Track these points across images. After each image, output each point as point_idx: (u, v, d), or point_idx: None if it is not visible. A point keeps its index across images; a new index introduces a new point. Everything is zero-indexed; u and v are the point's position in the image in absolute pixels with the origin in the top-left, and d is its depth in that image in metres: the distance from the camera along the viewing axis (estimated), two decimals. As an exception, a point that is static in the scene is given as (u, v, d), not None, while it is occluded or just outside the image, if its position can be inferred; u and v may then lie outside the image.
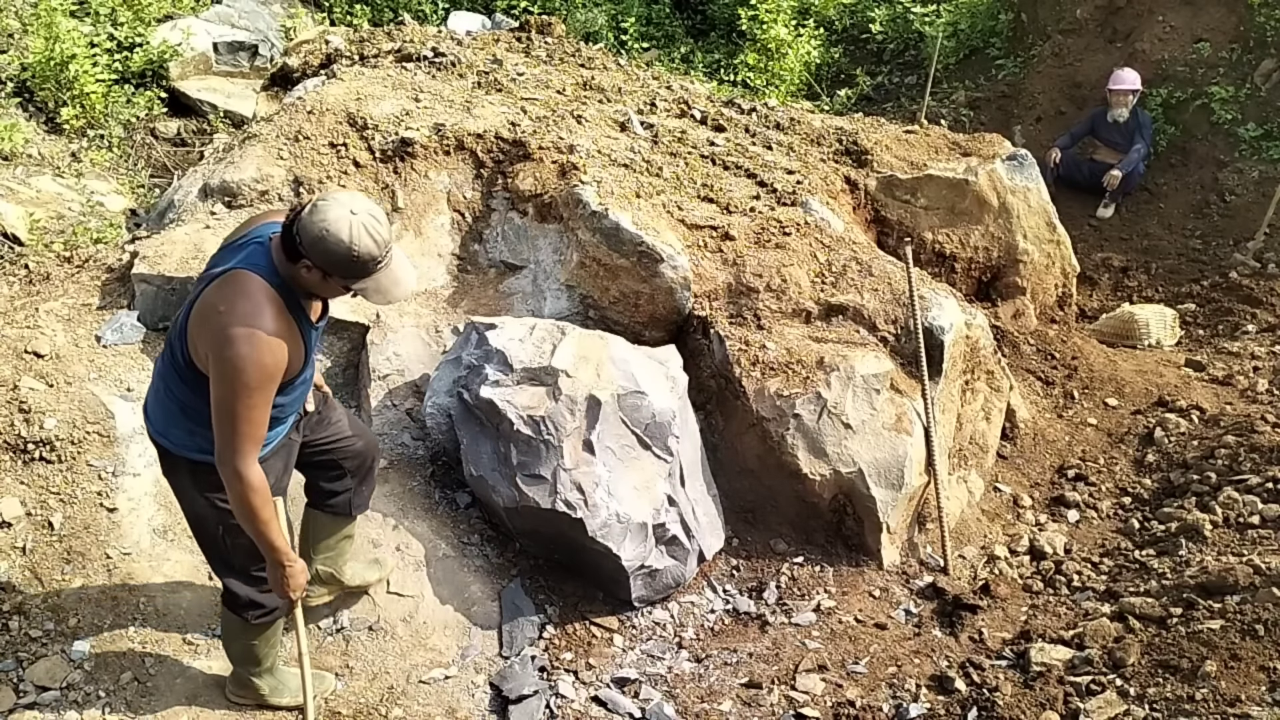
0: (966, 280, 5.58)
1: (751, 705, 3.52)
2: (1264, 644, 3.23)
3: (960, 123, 8.25)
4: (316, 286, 2.64)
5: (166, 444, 2.82)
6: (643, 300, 4.40)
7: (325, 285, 2.63)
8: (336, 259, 2.53)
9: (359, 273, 2.57)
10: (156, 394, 2.84)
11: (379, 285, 2.62)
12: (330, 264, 2.54)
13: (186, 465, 2.81)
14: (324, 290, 2.67)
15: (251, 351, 2.51)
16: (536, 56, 6.09)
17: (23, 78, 7.00)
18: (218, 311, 2.55)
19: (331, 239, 2.50)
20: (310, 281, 2.61)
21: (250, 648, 3.14)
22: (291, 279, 2.62)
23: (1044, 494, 4.79)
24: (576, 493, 3.65)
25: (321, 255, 2.52)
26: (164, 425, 2.81)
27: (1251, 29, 7.68)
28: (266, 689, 3.25)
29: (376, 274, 2.60)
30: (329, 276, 2.58)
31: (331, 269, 2.55)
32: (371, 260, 2.56)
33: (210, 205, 4.75)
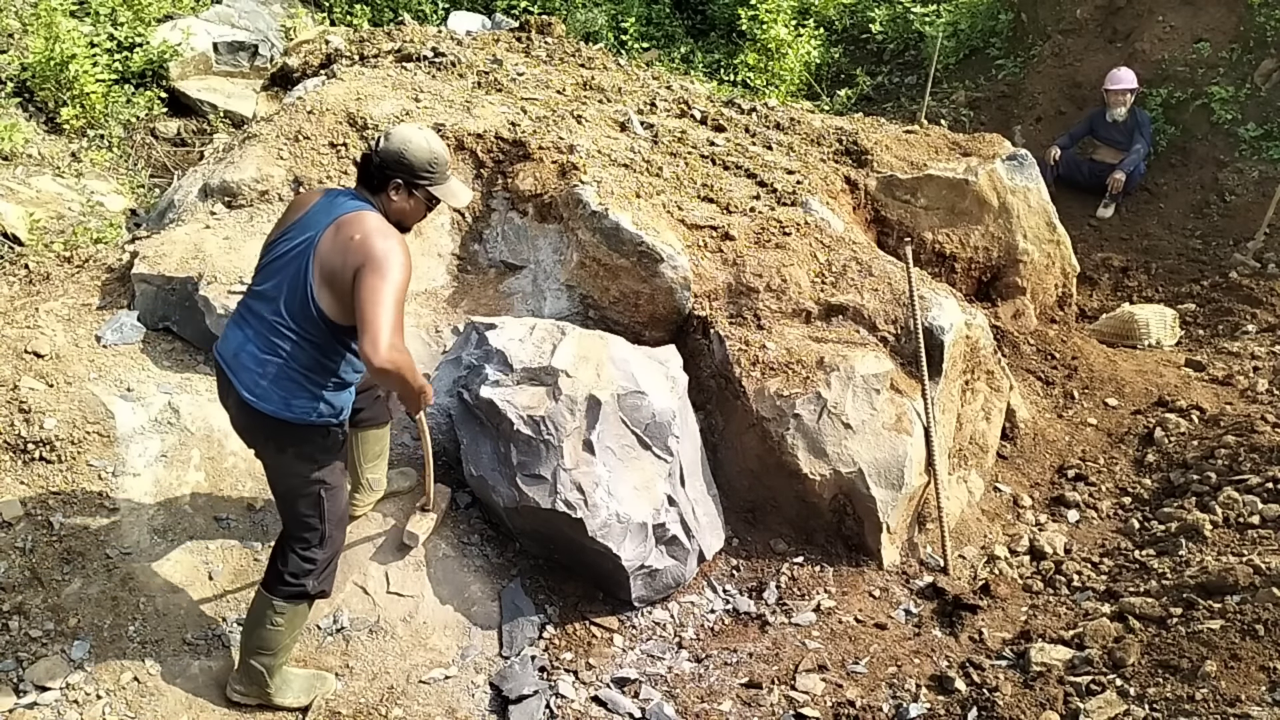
0: (966, 280, 5.58)
1: (751, 705, 3.52)
2: (1264, 644, 3.23)
3: (960, 123, 8.25)
4: (403, 208, 3.04)
5: (289, 416, 2.98)
6: (643, 300, 4.40)
7: (410, 203, 3.04)
8: (421, 163, 2.98)
9: (439, 175, 3.04)
10: (268, 373, 2.95)
11: (452, 189, 3.10)
12: (416, 171, 2.98)
13: (299, 434, 3.02)
14: (409, 210, 3.06)
15: (399, 249, 2.87)
16: (536, 56, 6.09)
17: (23, 78, 7.00)
18: (353, 239, 2.86)
19: (414, 146, 2.97)
20: (399, 204, 3.02)
21: (280, 634, 3.20)
22: (387, 213, 3.00)
23: (1044, 494, 4.79)
24: (576, 493, 3.65)
25: (407, 166, 2.97)
26: (285, 400, 2.96)
27: (1251, 29, 7.68)
28: (274, 686, 3.28)
29: (449, 181, 3.09)
30: (414, 190, 3.02)
31: (417, 175, 2.99)
32: (445, 164, 3.06)
33: (210, 205, 4.75)
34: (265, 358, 2.96)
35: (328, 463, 3.10)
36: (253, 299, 3.04)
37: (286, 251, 2.97)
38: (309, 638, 3.52)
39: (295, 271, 2.92)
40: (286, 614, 3.18)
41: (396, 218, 3.02)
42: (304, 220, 2.99)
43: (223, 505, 3.80)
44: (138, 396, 3.98)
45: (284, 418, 2.97)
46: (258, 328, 2.98)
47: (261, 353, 2.96)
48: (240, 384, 2.98)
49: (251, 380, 2.97)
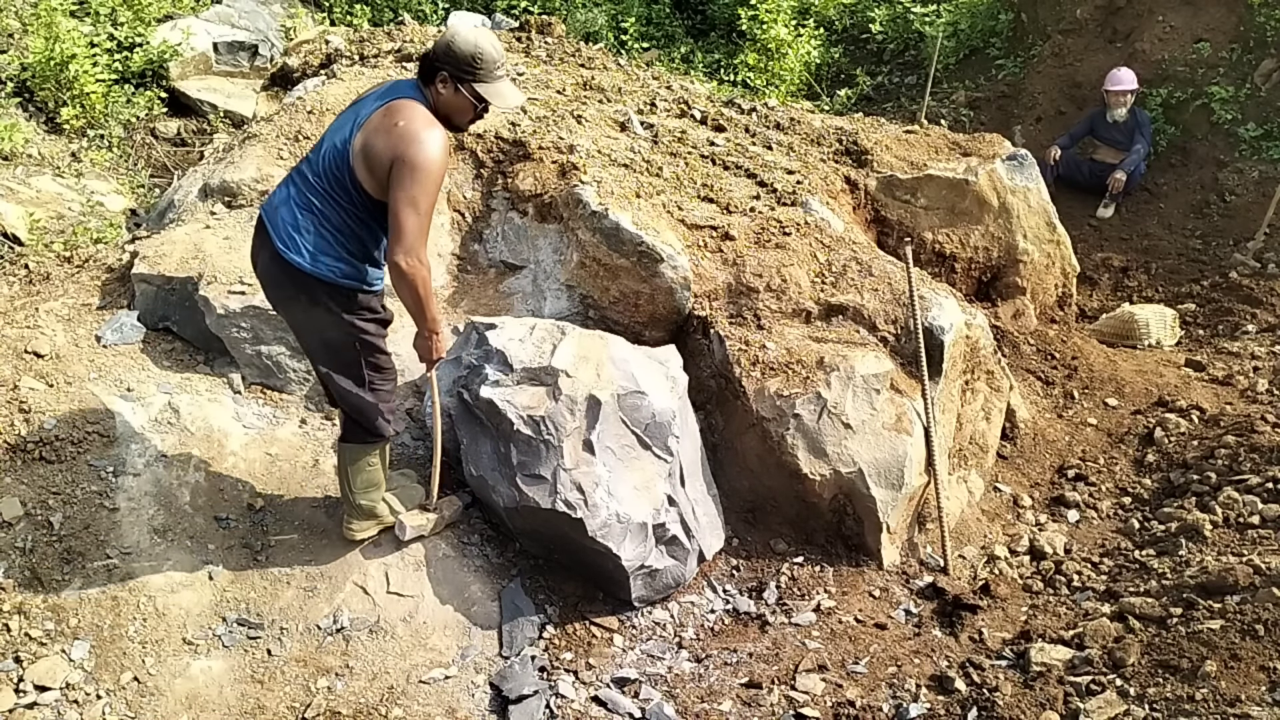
0: (966, 280, 5.58)
1: (751, 705, 3.52)
2: (1264, 644, 3.23)
3: (960, 123, 8.25)
4: (450, 102, 3.08)
5: (316, 271, 3.16)
6: (643, 300, 4.40)
7: (457, 99, 3.08)
8: (465, 58, 3.01)
9: (483, 74, 3.05)
10: (301, 228, 3.16)
11: (499, 90, 3.10)
12: (461, 65, 3.02)
13: (328, 290, 3.19)
14: (455, 106, 3.09)
15: (436, 151, 2.97)
16: (536, 56, 6.09)
17: (23, 78, 7.00)
18: (396, 125, 2.98)
19: (460, 40, 3.02)
20: (445, 98, 3.07)
21: (372, 471, 3.55)
22: (434, 105, 3.08)
23: (1044, 494, 4.79)
24: (576, 493, 3.65)
25: (453, 59, 3.01)
26: (314, 255, 3.15)
27: (1251, 29, 7.68)
28: (387, 509, 3.69)
29: (497, 81, 3.09)
30: (460, 85, 3.05)
31: (462, 71, 3.03)
32: (493, 62, 3.05)
33: (210, 205, 4.75)
34: (301, 214, 3.17)
35: (360, 318, 3.27)
36: (304, 163, 3.25)
37: (340, 123, 3.17)
38: (309, 637, 3.52)
39: (341, 139, 3.10)
40: (364, 455, 3.51)
41: (445, 112, 3.10)
42: (362, 99, 3.20)
43: (223, 505, 3.80)
44: (138, 396, 3.98)
45: (309, 271, 3.16)
46: (300, 186, 3.20)
47: (299, 209, 3.18)
48: (275, 235, 3.19)
49: (286, 233, 3.18)
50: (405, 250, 2.99)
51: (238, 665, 3.42)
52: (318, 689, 3.40)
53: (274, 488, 3.89)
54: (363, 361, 3.37)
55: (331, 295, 3.22)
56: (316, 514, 3.84)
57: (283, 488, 3.90)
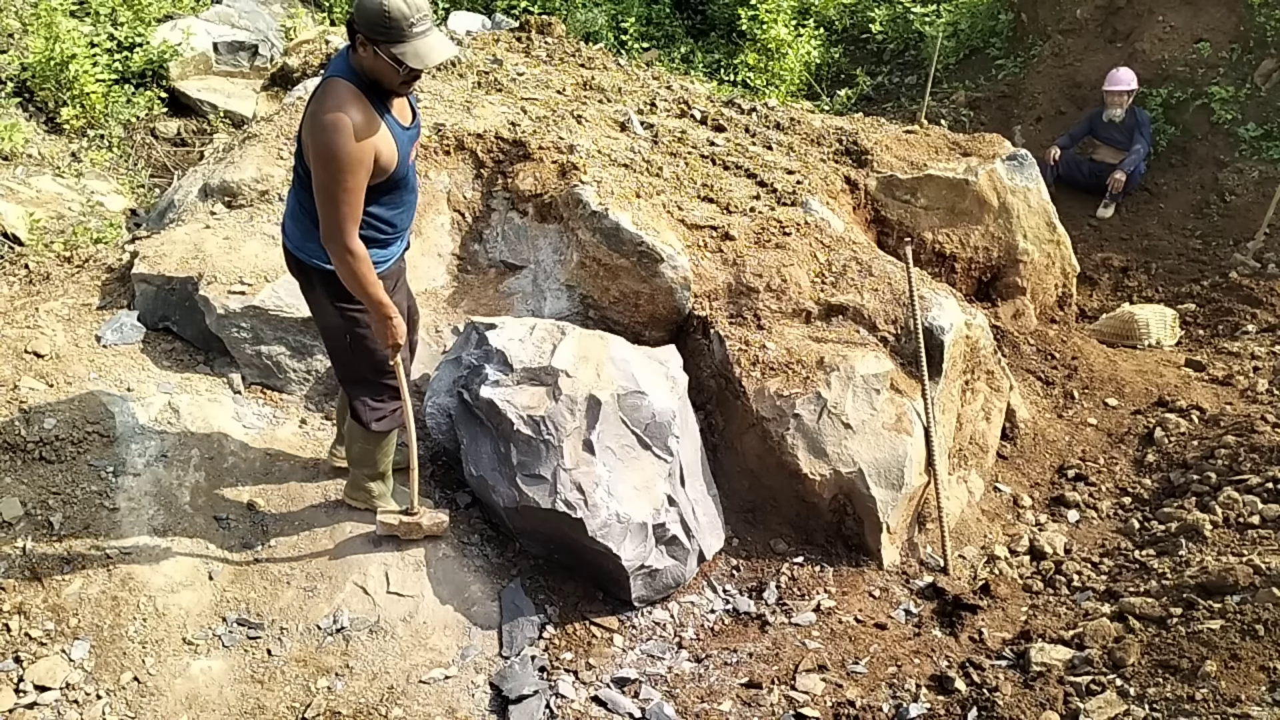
0: (966, 280, 5.58)
1: (751, 705, 3.51)
2: (1264, 644, 3.23)
3: (960, 123, 8.25)
4: (373, 67, 2.94)
5: (303, 257, 3.23)
6: (643, 300, 4.40)
7: (378, 63, 2.92)
8: (373, 20, 2.85)
9: (395, 34, 2.87)
10: (292, 214, 3.25)
11: (416, 50, 2.90)
12: (370, 28, 2.86)
13: (319, 276, 3.23)
14: (379, 70, 2.94)
15: (338, 136, 2.88)
16: (536, 56, 6.09)
17: (23, 78, 7.00)
18: (311, 113, 2.94)
19: (369, 2, 2.84)
20: (368, 62, 2.94)
21: (369, 452, 3.64)
22: (361, 71, 2.97)
23: (1044, 494, 4.79)
24: (576, 493, 3.65)
25: (364, 21, 2.87)
26: (300, 240, 3.23)
27: (1251, 29, 7.68)
28: (377, 492, 3.76)
29: (414, 39, 2.90)
30: (378, 49, 2.89)
31: (373, 34, 2.87)
32: (403, 19, 2.86)
33: (210, 205, 4.75)
34: (292, 203, 3.26)
35: (354, 305, 3.24)
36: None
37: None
38: (309, 637, 3.52)
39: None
40: (365, 438, 3.58)
41: (371, 76, 2.97)
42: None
43: (223, 505, 3.80)
44: (138, 396, 3.98)
45: (297, 255, 3.25)
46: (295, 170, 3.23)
47: (292, 196, 3.26)
48: (284, 230, 3.32)
49: (286, 219, 3.31)
50: (326, 239, 3.02)
51: (238, 665, 3.42)
52: (318, 689, 3.40)
53: (274, 488, 3.89)
54: (354, 350, 3.37)
55: (322, 280, 3.26)
56: (316, 514, 3.84)
57: (283, 488, 3.90)
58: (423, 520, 3.75)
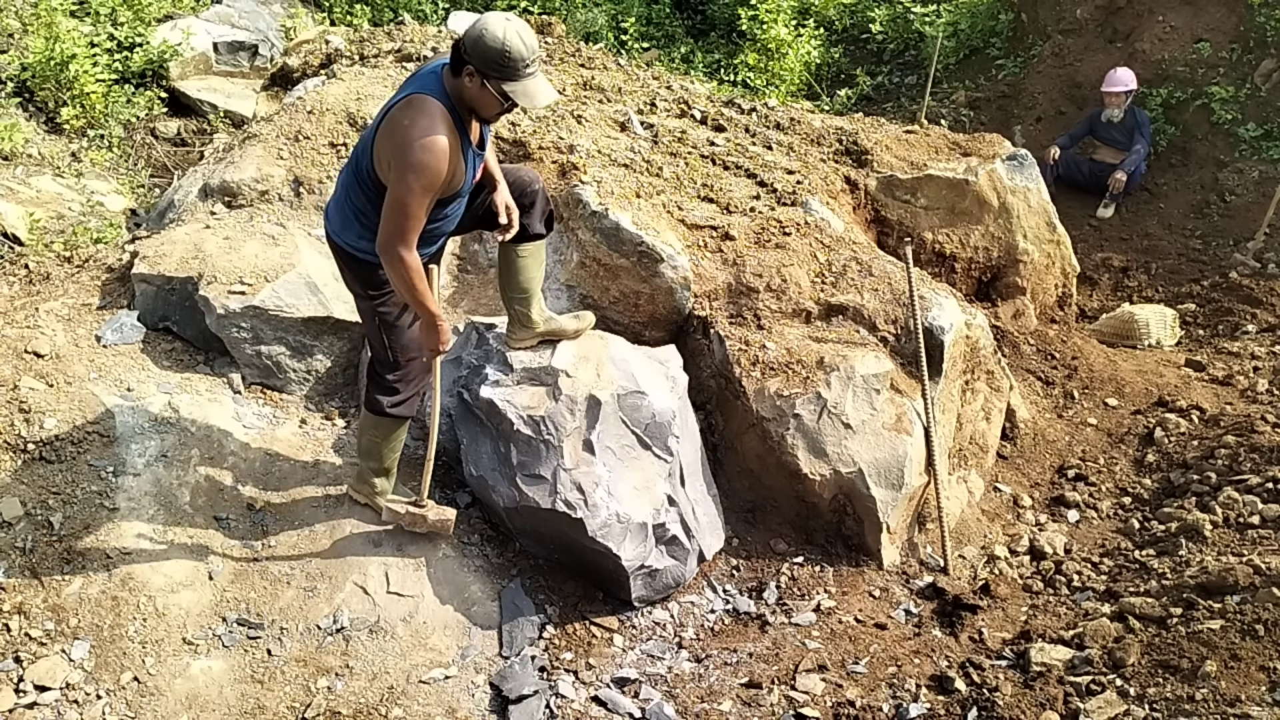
0: (966, 280, 5.58)
1: (751, 705, 3.51)
2: (1264, 644, 3.23)
3: (960, 123, 8.25)
4: (476, 97, 3.04)
5: (340, 242, 3.33)
6: (643, 300, 4.40)
7: (483, 94, 3.03)
8: (491, 56, 2.94)
9: (510, 73, 2.97)
10: (338, 201, 3.36)
11: (526, 90, 3.02)
12: (486, 63, 2.95)
13: (354, 262, 3.34)
14: (482, 101, 3.05)
15: (428, 157, 2.98)
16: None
17: (23, 78, 7.00)
18: (403, 126, 3.01)
19: (488, 37, 2.93)
20: (471, 92, 3.03)
21: (376, 444, 3.67)
22: (456, 96, 3.06)
23: (1044, 494, 4.79)
24: (576, 493, 3.65)
25: (480, 55, 2.95)
26: (340, 227, 3.34)
27: (1251, 29, 7.68)
28: (380, 488, 3.79)
29: (525, 79, 3.01)
30: (486, 81, 2.99)
31: (487, 68, 2.96)
32: (520, 61, 2.96)
33: (210, 205, 4.75)
34: (340, 191, 3.36)
35: (382, 295, 3.36)
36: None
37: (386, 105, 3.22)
38: (309, 637, 3.52)
39: (375, 125, 3.18)
40: (377, 427, 3.62)
41: (470, 104, 3.08)
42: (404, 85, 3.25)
43: (223, 505, 3.80)
44: (138, 396, 3.98)
45: (336, 241, 3.35)
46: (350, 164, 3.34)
47: (340, 185, 3.37)
48: (326, 213, 3.43)
49: (330, 205, 3.42)
50: (383, 246, 3.12)
51: (238, 665, 3.42)
52: (318, 689, 3.40)
53: (274, 488, 3.89)
54: (384, 339, 3.47)
55: (356, 265, 3.36)
56: (316, 514, 3.84)
57: (283, 488, 3.90)
58: (429, 514, 3.75)
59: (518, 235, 3.64)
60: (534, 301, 3.82)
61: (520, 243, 3.67)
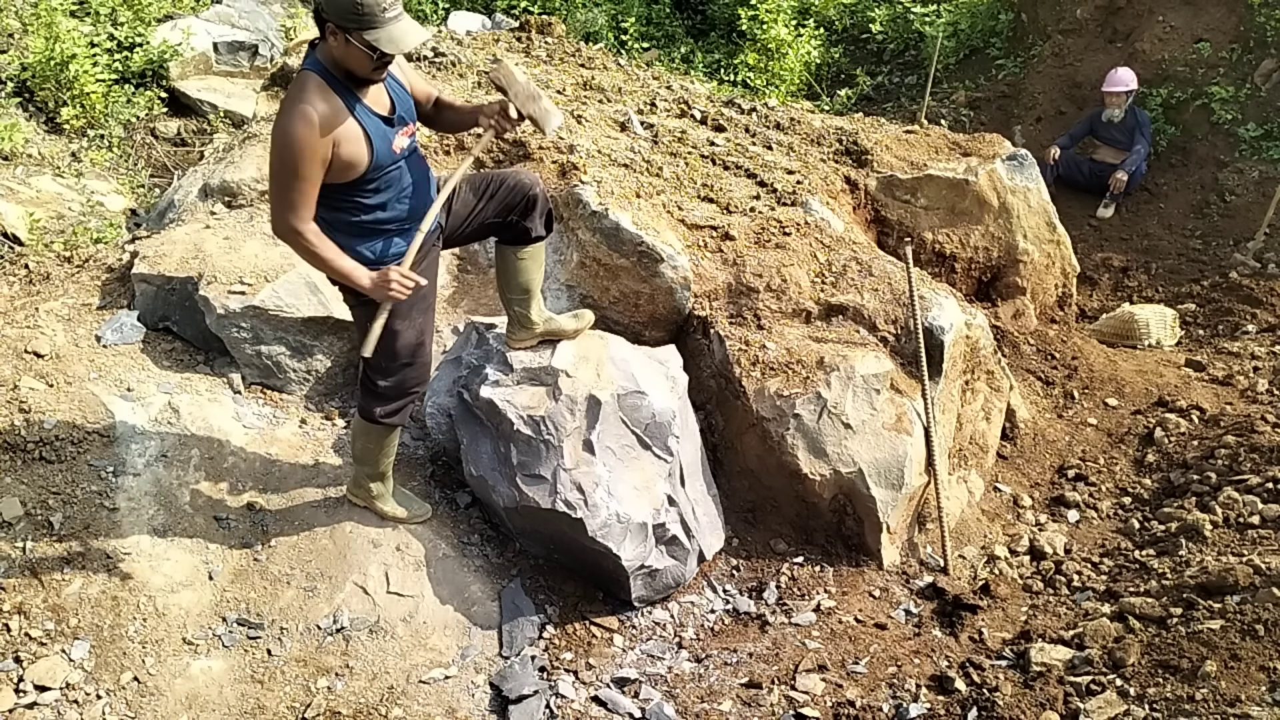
0: (966, 280, 5.58)
1: (751, 705, 3.52)
2: (1264, 644, 3.23)
3: (960, 123, 8.25)
4: (345, 55, 2.90)
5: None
6: (643, 300, 4.40)
7: (350, 51, 2.88)
8: (343, 7, 2.80)
9: (368, 20, 2.81)
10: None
11: (391, 35, 2.85)
12: (341, 15, 2.81)
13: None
14: (352, 58, 2.90)
15: (290, 123, 2.86)
16: (536, 56, 6.09)
17: (23, 78, 7.00)
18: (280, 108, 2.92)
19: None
20: (338, 51, 2.89)
21: (370, 450, 3.67)
22: (330, 61, 2.93)
23: (1044, 494, 4.79)
24: (576, 493, 3.65)
25: (334, 7, 2.82)
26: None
27: (1251, 29, 7.68)
28: (376, 492, 3.79)
29: (388, 24, 2.84)
30: (350, 37, 2.84)
31: (344, 20, 2.81)
32: (375, 5, 2.81)
33: (210, 205, 4.75)
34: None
35: (359, 299, 3.28)
36: None
37: None
38: (309, 637, 3.52)
39: None
40: (368, 433, 3.60)
41: (344, 66, 2.93)
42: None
43: (223, 505, 3.80)
44: (138, 396, 3.98)
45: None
46: None
47: None
48: None
49: None
50: (275, 228, 3.03)
51: (238, 665, 3.42)
52: (318, 689, 3.40)
53: (274, 488, 3.89)
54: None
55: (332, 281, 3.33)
56: (316, 514, 3.84)
57: (283, 488, 3.90)
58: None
59: (518, 237, 3.59)
60: (533, 302, 3.80)
61: (520, 245, 3.64)
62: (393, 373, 3.44)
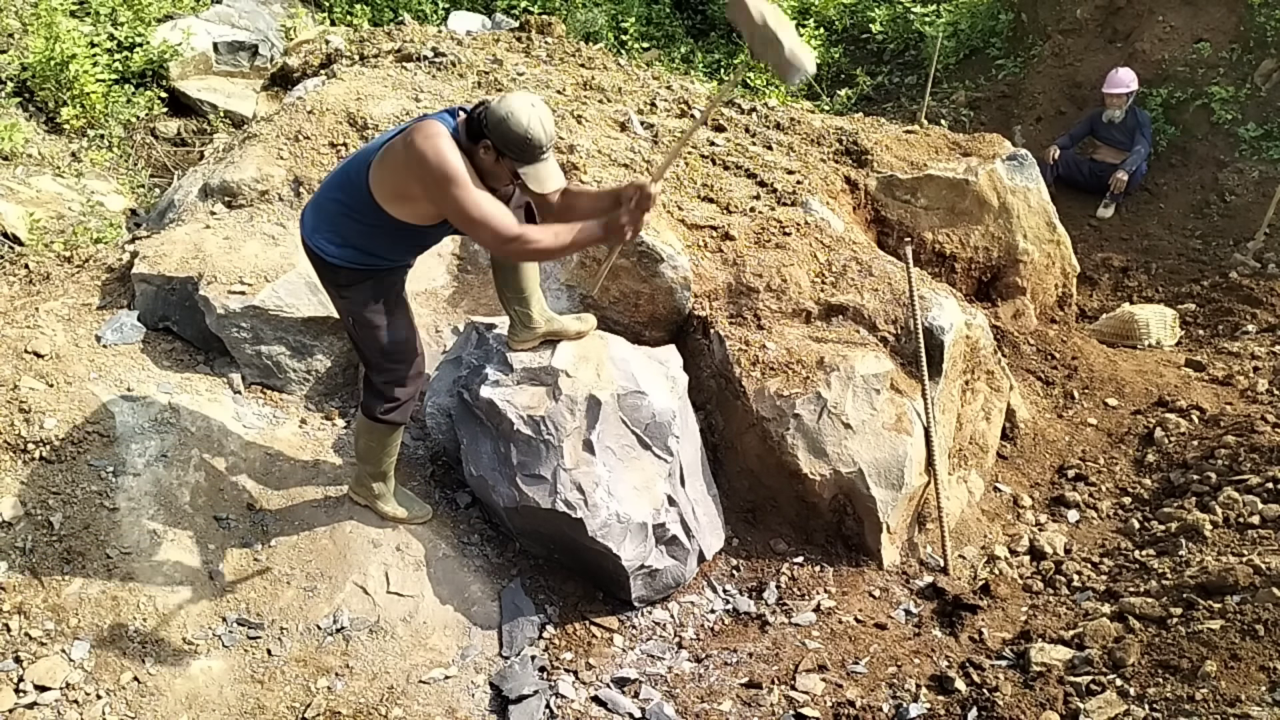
0: (966, 280, 5.58)
1: (751, 705, 3.51)
2: (1264, 644, 3.23)
3: (960, 123, 8.25)
4: (489, 169, 3.07)
5: (311, 244, 3.33)
6: (643, 300, 4.40)
7: (496, 167, 3.07)
8: (513, 140, 2.98)
9: (528, 156, 3.02)
10: (316, 204, 3.35)
11: (538, 173, 3.06)
12: (507, 144, 2.99)
13: (322, 265, 3.35)
14: (493, 172, 3.08)
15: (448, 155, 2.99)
16: (536, 56, 6.09)
17: (23, 78, 7.00)
18: (412, 143, 3.02)
19: (513, 121, 2.97)
20: (485, 162, 3.06)
21: (372, 449, 3.69)
22: (470, 157, 3.06)
23: (1044, 494, 4.79)
24: (576, 493, 3.65)
25: (501, 136, 2.98)
26: (312, 230, 3.33)
27: (1251, 29, 7.68)
28: (378, 491, 3.80)
29: (539, 163, 3.05)
30: (502, 158, 3.03)
31: (507, 148, 3.00)
32: (539, 148, 3.01)
33: (210, 205, 4.75)
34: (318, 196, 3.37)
35: (357, 300, 3.36)
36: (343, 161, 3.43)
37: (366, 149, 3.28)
38: (309, 637, 3.52)
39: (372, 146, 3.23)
40: (370, 431, 3.63)
41: (481, 172, 3.08)
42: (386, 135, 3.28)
43: (223, 505, 3.80)
44: (138, 396, 3.98)
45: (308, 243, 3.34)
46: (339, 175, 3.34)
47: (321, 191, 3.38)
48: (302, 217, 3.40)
49: (307, 209, 3.40)
50: (501, 242, 3.09)
51: (238, 665, 3.42)
52: (318, 689, 3.40)
53: (274, 488, 3.89)
54: (362, 341, 3.47)
55: (320, 269, 3.38)
56: (316, 514, 3.84)
57: (283, 488, 3.90)
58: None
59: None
60: (533, 302, 3.80)
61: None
62: (386, 368, 3.51)
